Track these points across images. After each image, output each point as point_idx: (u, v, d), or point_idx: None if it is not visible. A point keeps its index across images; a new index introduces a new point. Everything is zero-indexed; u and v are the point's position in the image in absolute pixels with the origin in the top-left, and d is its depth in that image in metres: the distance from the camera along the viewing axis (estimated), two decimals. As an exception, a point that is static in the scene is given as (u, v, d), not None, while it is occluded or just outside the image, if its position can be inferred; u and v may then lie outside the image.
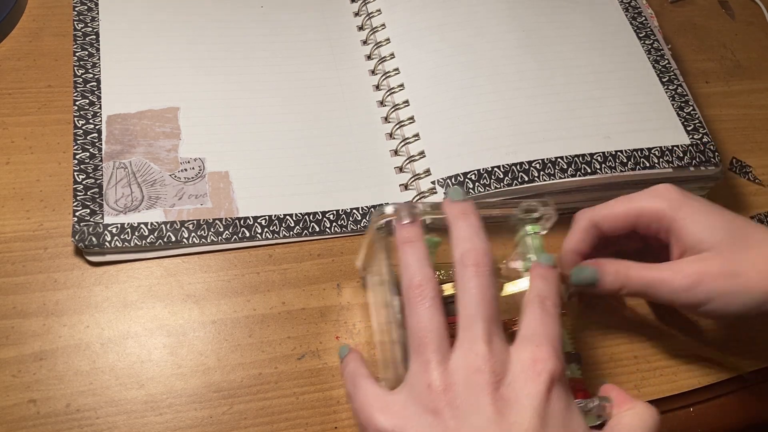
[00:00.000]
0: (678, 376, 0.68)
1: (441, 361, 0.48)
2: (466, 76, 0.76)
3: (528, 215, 0.61)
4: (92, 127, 0.69)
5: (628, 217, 0.63)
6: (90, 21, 0.76)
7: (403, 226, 0.54)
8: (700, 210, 0.61)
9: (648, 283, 0.61)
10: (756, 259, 0.58)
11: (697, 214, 0.61)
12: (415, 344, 0.49)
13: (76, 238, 0.63)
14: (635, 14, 0.84)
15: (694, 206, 0.62)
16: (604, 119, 0.74)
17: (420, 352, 0.49)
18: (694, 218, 0.61)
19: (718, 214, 0.61)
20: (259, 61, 0.78)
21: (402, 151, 0.73)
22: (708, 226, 0.61)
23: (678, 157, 0.73)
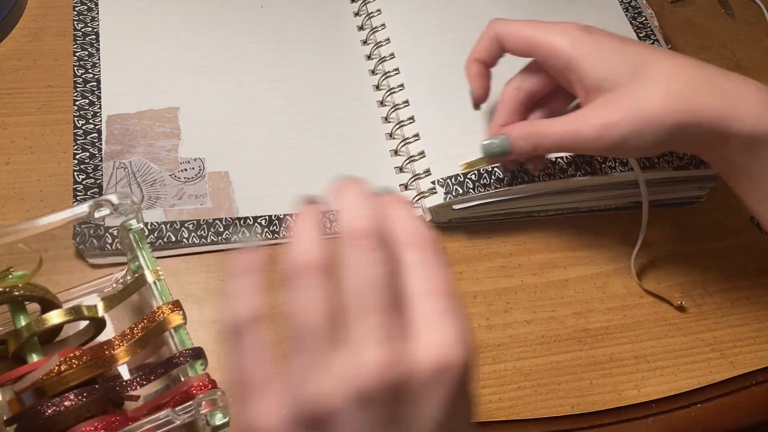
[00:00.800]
0: (678, 376, 0.68)
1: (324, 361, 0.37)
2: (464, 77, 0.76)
3: None
4: (92, 127, 0.69)
5: (529, 44, 0.63)
6: (90, 21, 0.76)
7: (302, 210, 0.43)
8: (598, 48, 0.60)
9: (558, 138, 0.60)
10: (658, 93, 0.57)
11: (595, 52, 0.59)
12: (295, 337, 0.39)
13: (77, 240, 0.63)
14: (635, 14, 0.84)
15: (593, 44, 0.60)
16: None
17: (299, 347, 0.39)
18: (592, 56, 0.59)
19: (618, 49, 0.59)
20: (259, 61, 0.78)
21: (402, 151, 0.73)
22: (606, 64, 0.59)
23: (678, 157, 0.73)
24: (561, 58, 0.61)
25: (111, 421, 0.49)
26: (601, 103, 0.59)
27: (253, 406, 0.39)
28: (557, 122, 0.61)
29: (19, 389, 0.50)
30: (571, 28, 0.61)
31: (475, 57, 0.67)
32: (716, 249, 0.76)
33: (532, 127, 0.62)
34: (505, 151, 0.63)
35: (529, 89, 0.65)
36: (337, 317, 0.38)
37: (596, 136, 0.58)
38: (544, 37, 0.62)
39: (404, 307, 0.38)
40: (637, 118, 0.57)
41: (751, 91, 0.57)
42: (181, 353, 0.53)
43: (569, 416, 0.65)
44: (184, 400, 0.51)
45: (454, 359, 0.37)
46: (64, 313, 0.52)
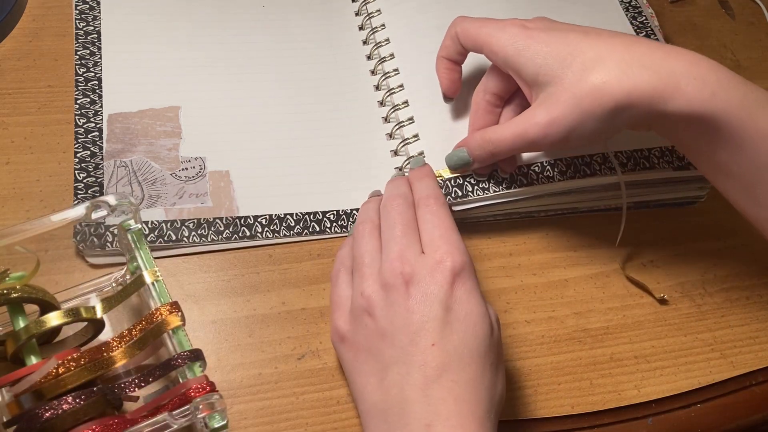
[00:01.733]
0: (678, 376, 0.68)
1: (372, 274, 0.57)
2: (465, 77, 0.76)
3: None
4: (93, 125, 0.70)
5: (476, 42, 0.65)
6: (92, 20, 0.76)
7: None
8: (530, 42, 0.61)
9: (510, 142, 0.62)
10: (591, 80, 0.57)
11: (527, 47, 0.61)
12: (356, 265, 0.59)
13: (77, 238, 0.63)
14: (635, 14, 0.84)
15: (526, 40, 0.61)
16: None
17: (357, 269, 0.59)
18: (526, 52, 0.61)
19: (549, 41, 0.60)
20: (259, 60, 0.78)
21: (402, 151, 0.73)
22: (539, 58, 0.60)
23: (678, 157, 0.72)
24: (499, 56, 0.63)
25: (109, 423, 0.49)
26: (542, 99, 0.60)
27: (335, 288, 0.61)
28: (507, 127, 0.62)
29: (18, 392, 0.50)
30: (510, 24, 0.63)
31: (440, 55, 0.71)
32: (716, 249, 0.76)
33: (485, 135, 0.64)
34: (466, 163, 0.67)
35: (494, 90, 0.67)
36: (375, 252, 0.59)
37: (543, 134, 0.59)
38: (487, 35, 0.63)
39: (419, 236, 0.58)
40: (576, 109, 0.58)
41: (684, 67, 0.56)
42: (179, 355, 0.53)
43: (569, 416, 0.65)
44: (183, 402, 0.51)
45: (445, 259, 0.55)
46: (63, 314, 0.52)
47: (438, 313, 0.54)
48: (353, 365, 0.57)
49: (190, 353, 0.53)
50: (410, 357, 0.53)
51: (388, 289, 0.55)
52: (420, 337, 0.53)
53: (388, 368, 0.54)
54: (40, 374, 0.50)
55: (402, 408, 0.52)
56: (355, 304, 0.57)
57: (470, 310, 0.55)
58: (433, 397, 0.52)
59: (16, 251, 0.55)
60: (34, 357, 0.53)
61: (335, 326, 0.59)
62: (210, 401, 0.51)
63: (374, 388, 0.54)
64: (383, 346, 0.54)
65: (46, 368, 0.50)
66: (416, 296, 0.54)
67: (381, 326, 0.55)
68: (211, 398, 0.51)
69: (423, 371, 0.52)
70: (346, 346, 0.58)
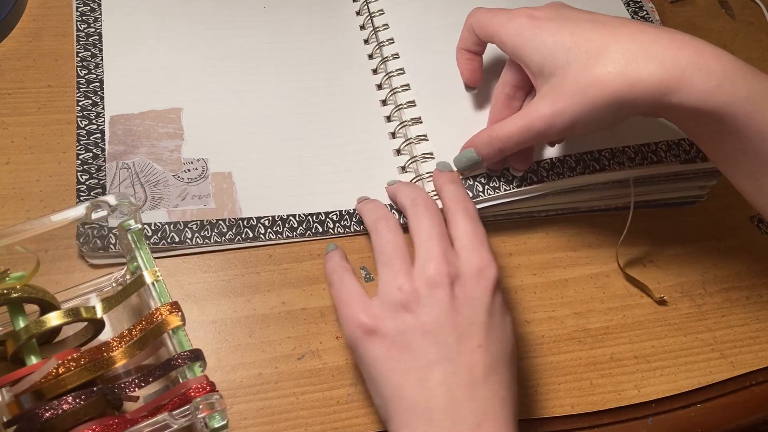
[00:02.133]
0: (678, 376, 0.68)
1: (407, 270, 0.57)
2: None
3: None
4: (95, 127, 0.70)
5: (487, 33, 0.66)
6: (93, 21, 0.76)
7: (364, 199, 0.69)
8: (536, 33, 0.61)
9: (517, 136, 0.62)
10: (595, 71, 0.57)
11: (534, 37, 0.61)
12: (384, 260, 0.58)
13: (80, 240, 0.63)
14: (636, 8, 0.84)
15: (532, 30, 0.61)
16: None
17: (390, 265, 0.58)
18: (532, 42, 0.61)
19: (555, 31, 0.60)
20: (261, 61, 0.78)
21: (405, 150, 0.73)
22: (545, 48, 0.60)
23: (685, 151, 0.72)
24: (507, 45, 0.63)
25: (109, 424, 0.49)
26: (547, 90, 0.60)
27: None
28: (512, 121, 0.62)
29: (18, 392, 0.50)
30: (518, 14, 0.63)
31: (459, 47, 0.72)
32: (716, 249, 0.76)
33: (491, 132, 0.64)
34: (475, 163, 0.67)
35: (512, 82, 0.67)
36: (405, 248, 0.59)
37: (548, 125, 0.59)
38: (498, 25, 0.64)
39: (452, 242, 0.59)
40: (580, 100, 0.58)
41: (690, 58, 0.55)
42: (179, 355, 0.53)
43: (569, 416, 0.65)
44: (183, 402, 0.51)
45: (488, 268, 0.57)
46: (63, 315, 0.52)
47: (483, 317, 0.55)
48: (385, 361, 0.54)
49: (190, 353, 0.53)
50: (457, 356, 0.54)
51: (433, 287, 0.55)
52: (467, 338, 0.54)
53: (433, 366, 0.53)
54: (40, 374, 0.50)
55: (449, 408, 0.52)
56: (390, 299, 0.56)
57: (505, 317, 0.57)
58: (481, 397, 0.53)
59: (16, 251, 0.55)
60: (34, 357, 0.53)
61: (358, 321, 0.56)
62: (210, 401, 0.51)
63: (415, 385, 0.53)
64: (426, 343, 0.54)
65: (46, 368, 0.50)
66: (461, 298, 0.55)
67: (423, 322, 0.54)
68: (211, 398, 0.51)
69: (471, 372, 0.53)
70: (375, 341, 0.55)
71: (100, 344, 0.53)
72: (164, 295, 0.56)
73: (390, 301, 0.56)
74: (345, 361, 0.64)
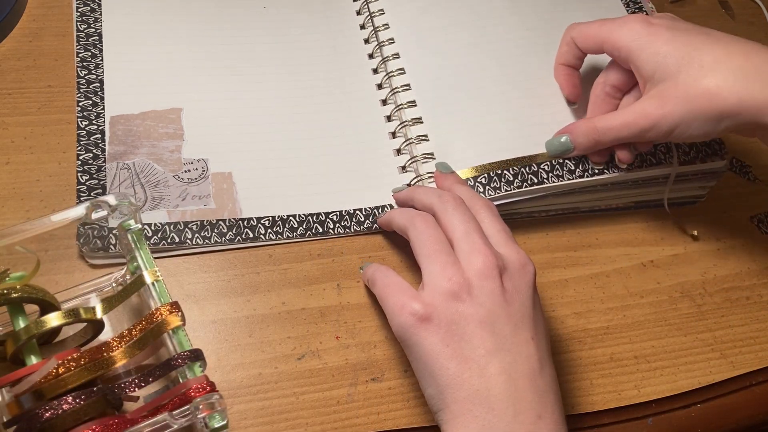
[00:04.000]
0: (678, 376, 0.68)
1: (454, 262, 0.57)
2: (472, 77, 0.76)
3: None
4: (95, 128, 0.70)
5: (596, 39, 0.69)
6: (93, 22, 0.76)
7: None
8: (652, 40, 0.64)
9: (617, 131, 0.66)
10: (705, 83, 0.61)
11: (649, 44, 0.64)
12: (428, 252, 0.58)
13: (81, 241, 0.63)
14: (636, 9, 0.84)
15: (648, 37, 0.65)
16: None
17: (435, 257, 0.58)
18: (647, 49, 0.64)
19: (671, 40, 0.64)
20: (261, 61, 0.78)
21: (405, 150, 0.73)
22: (659, 56, 0.64)
23: (684, 152, 0.73)
24: (621, 51, 0.66)
25: (109, 424, 0.49)
26: (655, 93, 0.64)
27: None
28: (615, 116, 0.67)
29: (18, 392, 0.50)
30: (632, 21, 0.66)
31: (559, 62, 0.74)
32: (716, 249, 0.76)
33: (591, 123, 0.68)
34: (567, 149, 0.70)
35: (614, 82, 0.70)
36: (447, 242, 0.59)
37: (651, 125, 0.63)
38: (608, 33, 0.67)
39: None
40: (686, 108, 0.62)
41: None
42: (179, 355, 0.53)
43: (569, 416, 0.65)
44: (183, 402, 0.51)
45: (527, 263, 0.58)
46: (63, 315, 0.52)
47: (530, 311, 0.57)
48: (441, 350, 0.55)
49: (190, 353, 0.53)
50: (514, 347, 0.55)
51: (484, 278, 0.56)
52: (521, 330, 0.55)
53: (492, 355, 0.54)
54: (40, 374, 0.50)
55: (511, 397, 0.53)
56: (441, 289, 0.56)
57: (542, 313, 0.59)
58: (540, 388, 0.54)
59: (16, 251, 0.55)
60: (34, 357, 0.53)
61: (411, 309, 0.56)
62: (210, 401, 0.51)
63: (474, 374, 0.54)
64: (483, 333, 0.55)
65: (46, 368, 0.50)
66: (510, 290, 0.57)
67: (477, 312, 0.55)
68: (211, 398, 0.51)
69: (529, 362, 0.55)
70: (430, 329, 0.55)
71: (100, 344, 0.53)
72: (164, 295, 0.56)
73: (441, 291, 0.56)
74: (345, 361, 0.64)
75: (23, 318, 0.53)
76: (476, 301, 0.55)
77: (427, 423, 0.63)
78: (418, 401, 0.63)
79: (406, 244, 0.61)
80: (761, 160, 0.83)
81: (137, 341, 0.54)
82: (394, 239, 0.70)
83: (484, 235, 0.59)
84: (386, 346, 0.65)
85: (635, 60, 0.65)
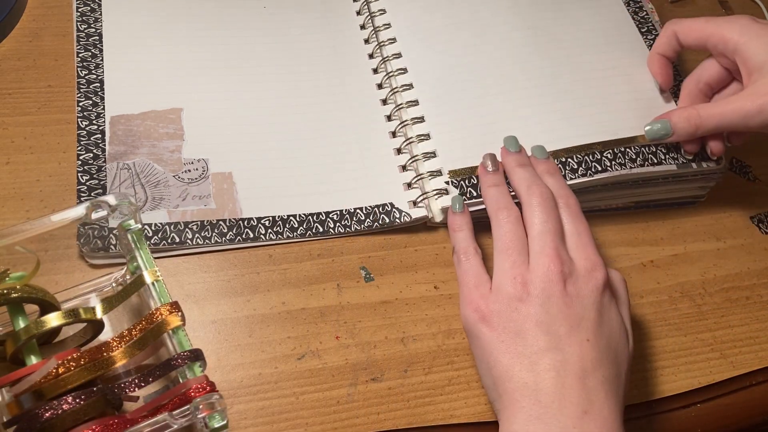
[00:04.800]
0: (678, 376, 0.68)
1: (524, 261, 0.60)
2: (473, 77, 0.76)
3: None
4: (96, 128, 0.70)
5: (702, 33, 0.72)
6: (93, 22, 0.76)
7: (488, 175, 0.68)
8: (762, 33, 0.68)
9: (720, 117, 0.68)
10: None
11: (758, 37, 0.67)
12: (502, 248, 0.61)
13: (81, 241, 0.63)
14: (636, 9, 0.84)
15: (758, 31, 0.68)
16: (611, 116, 0.74)
17: (507, 254, 0.61)
18: (756, 41, 0.67)
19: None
20: (261, 61, 0.78)
21: (406, 149, 0.73)
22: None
23: (685, 152, 0.72)
24: (729, 43, 0.69)
25: (109, 423, 0.49)
26: (763, 83, 0.66)
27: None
28: (719, 104, 0.69)
29: (18, 392, 0.50)
30: (741, 17, 0.70)
31: (656, 52, 0.77)
32: (716, 249, 0.76)
33: (693, 109, 0.70)
34: (667, 133, 0.71)
35: (708, 80, 0.74)
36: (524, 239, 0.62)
37: (759, 109, 0.66)
38: (716, 27, 0.70)
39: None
40: None
41: None
42: (179, 355, 0.53)
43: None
44: (183, 402, 0.51)
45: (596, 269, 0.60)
46: (63, 315, 0.52)
47: (592, 315, 0.58)
48: (496, 345, 0.58)
49: (190, 353, 0.53)
50: (567, 347, 0.56)
51: (546, 282, 0.58)
52: (577, 332, 0.57)
53: (543, 353, 0.56)
54: (40, 374, 0.50)
55: (558, 392, 0.55)
56: (506, 288, 0.59)
57: (612, 318, 0.59)
58: (589, 387, 0.55)
59: (16, 251, 0.55)
60: (34, 357, 0.53)
61: (476, 304, 0.60)
62: (210, 401, 0.51)
63: (524, 368, 0.56)
64: (538, 332, 0.57)
65: (46, 368, 0.50)
66: (573, 295, 0.58)
67: (536, 313, 0.57)
68: (211, 398, 0.51)
69: (581, 362, 0.56)
70: (488, 326, 0.59)
71: (100, 344, 0.53)
72: (164, 295, 0.56)
73: (505, 290, 0.59)
74: (345, 361, 0.64)
75: (23, 318, 0.53)
76: (535, 302, 0.58)
77: (427, 423, 0.63)
78: (418, 401, 0.63)
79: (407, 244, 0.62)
80: (761, 160, 0.83)
81: (137, 341, 0.54)
82: (395, 239, 0.71)
83: (558, 236, 0.61)
84: (386, 346, 0.65)
85: (744, 51, 0.68)
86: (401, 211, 0.70)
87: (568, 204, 0.64)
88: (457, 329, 0.67)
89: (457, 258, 0.64)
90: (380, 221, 0.70)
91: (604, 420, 0.54)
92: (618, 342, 0.59)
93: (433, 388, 0.64)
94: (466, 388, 0.65)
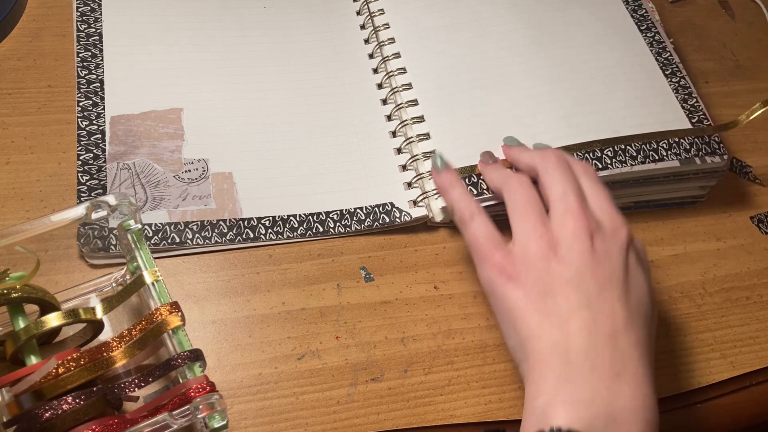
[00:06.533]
0: (678, 376, 0.68)
1: (545, 222, 0.58)
2: (473, 77, 0.76)
3: None
4: (96, 128, 0.70)
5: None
6: (93, 22, 0.76)
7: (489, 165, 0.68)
8: None
9: None
10: None
11: None
12: (521, 212, 0.59)
13: (81, 241, 0.63)
14: (636, 7, 0.84)
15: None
16: (611, 114, 0.74)
17: (528, 215, 0.59)
18: None
19: None
20: (261, 61, 0.78)
21: (406, 149, 0.73)
22: None
23: (685, 149, 0.72)
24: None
25: (109, 424, 0.49)
26: None
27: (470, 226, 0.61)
28: None
29: (18, 392, 0.50)
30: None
31: None
32: (716, 249, 0.76)
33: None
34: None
35: None
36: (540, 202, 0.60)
37: None
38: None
39: None
40: None
41: None
42: (179, 355, 0.53)
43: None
44: (183, 402, 0.51)
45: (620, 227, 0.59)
46: (62, 316, 0.52)
47: (620, 273, 0.56)
48: (524, 304, 0.56)
49: (190, 353, 0.53)
50: (598, 305, 0.55)
51: (574, 239, 0.57)
52: (607, 290, 0.55)
53: (574, 311, 0.55)
54: (40, 374, 0.50)
55: (589, 352, 0.53)
56: (531, 247, 0.57)
57: (639, 278, 0.58)
58: (621, 347, 0.54)
59: (16, 251, 0.55)
60: (34, 357, 0.53)
61: (500, 265, 0.58)
62: (210, 401, 0.51)
63: (554, 327, 0.55)
64: (568, 290, 0.55)
65: (46, 368, 0.50)
66: (600, 252, 0.57)
67: (565, 271, 0.56)
68: (211, 398, 0.51)
69: (612, 321, 0.54)
70: (514, 285, 0.57)
71: (99, 344, 0.53)
72: (164, 295, 0.56)
73: (530, 248, 0.57)
74: (345, 361, 0.64)
75: (23, 318, 0.53)
76: (564, 260, 0.56)
77: (427, 423, 0.63)
78: (418, 401, 0.63)
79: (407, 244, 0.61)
80: (761, 160, 0.83)
81: (137, 341, 0.54)
82: (395, 239, 0.71)
83: (581, 196, 0.59)
84: (386, 346, 0.65)
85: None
86: (401, 211, 0.70)
87: (585, 169, 0.63)
88: (457, 329, 0.67)
89: (460, 220, 0.62)
90: (380, 221, 0.70)
91: (638, 383, 0.53)
92: (646, 304, 0.57)
93: (433, 389, 0.64)
94: (466, 388, 0.65)
